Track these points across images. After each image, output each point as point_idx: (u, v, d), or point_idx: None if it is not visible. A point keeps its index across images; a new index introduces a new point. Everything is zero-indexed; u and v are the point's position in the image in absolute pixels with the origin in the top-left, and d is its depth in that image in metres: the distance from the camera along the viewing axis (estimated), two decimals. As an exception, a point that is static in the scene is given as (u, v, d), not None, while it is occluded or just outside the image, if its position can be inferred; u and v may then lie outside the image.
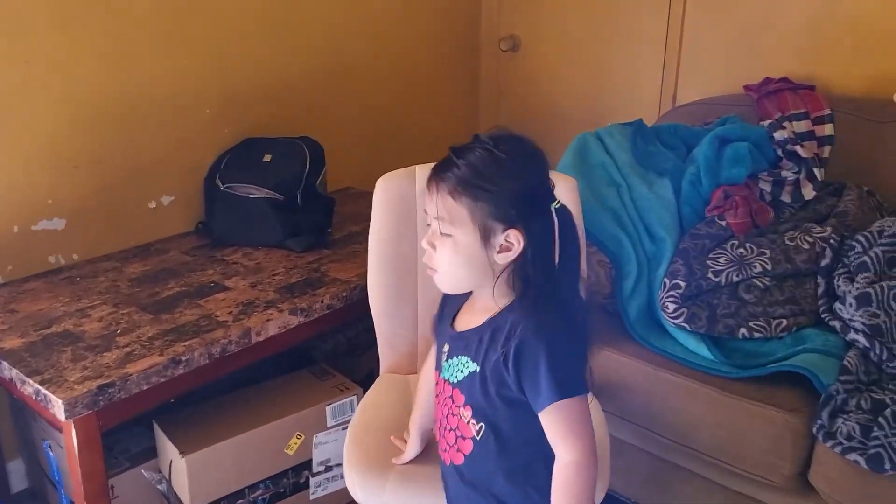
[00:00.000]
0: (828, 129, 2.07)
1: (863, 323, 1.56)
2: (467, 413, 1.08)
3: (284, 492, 1.77)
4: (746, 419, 1.53)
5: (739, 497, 1.64)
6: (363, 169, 2.46)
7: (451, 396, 1.10)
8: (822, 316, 1.66)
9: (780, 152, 1.95)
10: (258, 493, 1.72)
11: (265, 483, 1.73)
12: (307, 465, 1.79)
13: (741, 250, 1.76)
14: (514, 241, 1.00)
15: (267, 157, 2.12)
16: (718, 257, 1.75)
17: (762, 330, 1.64)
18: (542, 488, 1.05)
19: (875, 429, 1.41)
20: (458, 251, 1.02)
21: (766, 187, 1.92)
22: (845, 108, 2.11)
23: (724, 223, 1.81)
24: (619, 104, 2.72)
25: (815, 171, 1.91)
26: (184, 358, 1.51)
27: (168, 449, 1.65)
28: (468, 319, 1.11)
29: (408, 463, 1.36)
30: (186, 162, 2.14)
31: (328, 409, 1.79)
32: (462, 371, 1.08)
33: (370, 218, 1.62)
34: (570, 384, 0.99)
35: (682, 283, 1.67)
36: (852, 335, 1.56)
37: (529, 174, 1.02)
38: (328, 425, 1.80)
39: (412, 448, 1.35)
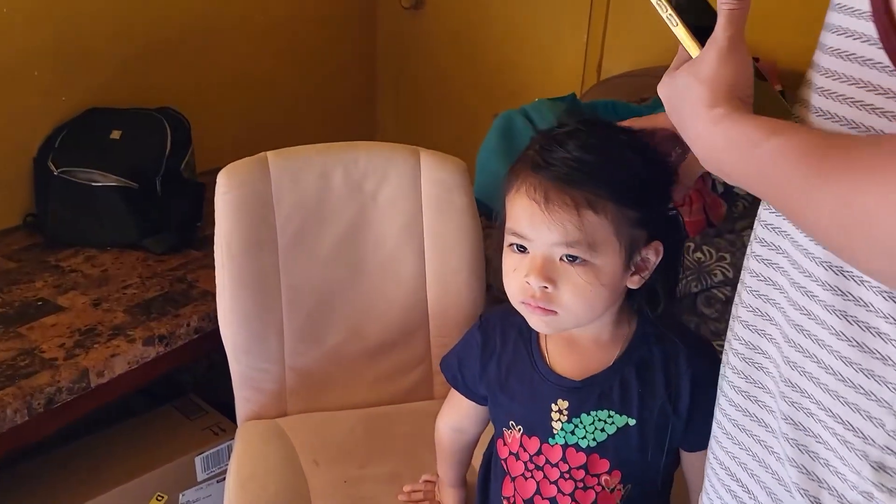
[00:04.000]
0: (777, 108, 1.84)
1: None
2: (614, 480, 0.83)
3: (143, 567, 1.40)
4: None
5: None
6: (242, 146, 2.01)
7: (586, 465, 0.82)
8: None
9: (731, 136, 1.70)
10: (107, 574, 1.34)
11: (116, 561, 1.35)
12: (172, 529, 1.42)
13: (699, 255, 1.50)
14: (652, 254, 0.77)
15: (116, 134, 1.69)
16: (672, 263, 1.49)
17: (724, 351, 1.39)
18: None
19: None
20: (598, 280, 0.74)
21: (719, 177, 1.66)
22: (793, 84, 1.88)
23: (676, 221, 1.55)
24: (539, 73, 2.41)
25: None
26: (-13, 418, 1.11)
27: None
28: (575, 360, 0.83)
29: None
30: (8, 139, 1.68)
31: (198, 459, 1.43)
32: (603, 430, 0.82)
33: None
34: None
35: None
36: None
37: (656, 153, 0.76)
38: (199, 479, 1.44)
39: (457, 499, 1.09)
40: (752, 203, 1.69)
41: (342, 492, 1.16)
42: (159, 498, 1.39)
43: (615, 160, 0.73)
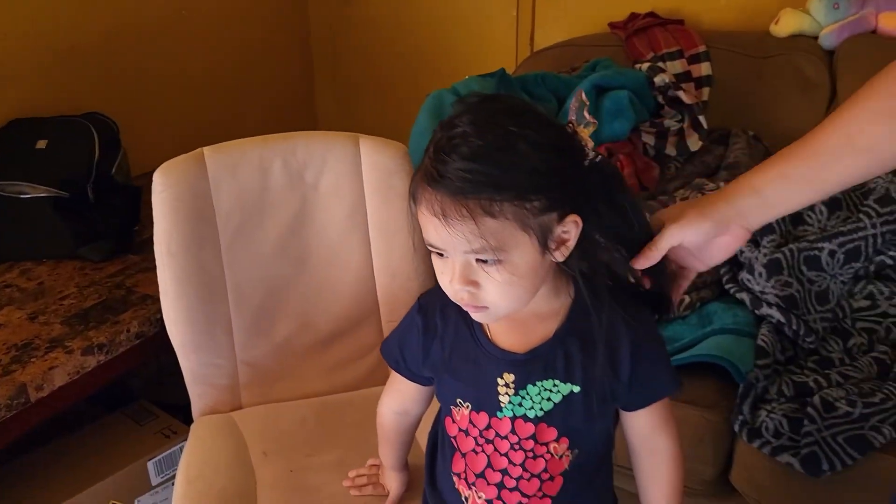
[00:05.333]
0: (704, 69, 1.87)
1: (775, 295, 1.36)
2: (562, 446, 0.85)
3: (104, 577, 1.39)
4: (659, 422, 1.31)
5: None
6: (181, 147, 2.00)
7: (534, 435, 0.84)
8: (727, 287, 1.46)
9: (660, 99, 1.72)
10: (67, 587, 1.33)
11: (75, 572, 1.34)
12: (131, 536, 1.42)
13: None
14: (570, 227, 0.77)
15: (41, 144, 1.65)
16: (608, 229, 1.51)
17: (664, 311, 1.41)
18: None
19: (805, 422, 1.22)
20: (516, 274, 0.75)
21: (650, 140, 1.69)
22: (719, 44, 1.91)
23: (609, 188, 1.56)
24: (472, 51, 2.41)
25: (701, 118, 1.69)
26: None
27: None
28: (517, 334, 0.84)
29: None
30: (-70, 156, 1.64)
31: (151, 464, 1.42)
32: (549, 399, 0.83)
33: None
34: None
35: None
36: (765, 309, 1.37)
37: (551, 128, 0.76)
38: (153, 484, 1.43)
39: (400, 482, 1.09)
40: (684, 164, 1.72)
41: (288, 481, 1.16)
42: (114, 506, 1.38)
43: (506, 161, 0.72)
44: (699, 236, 0.80)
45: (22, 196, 1.59)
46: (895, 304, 1.39)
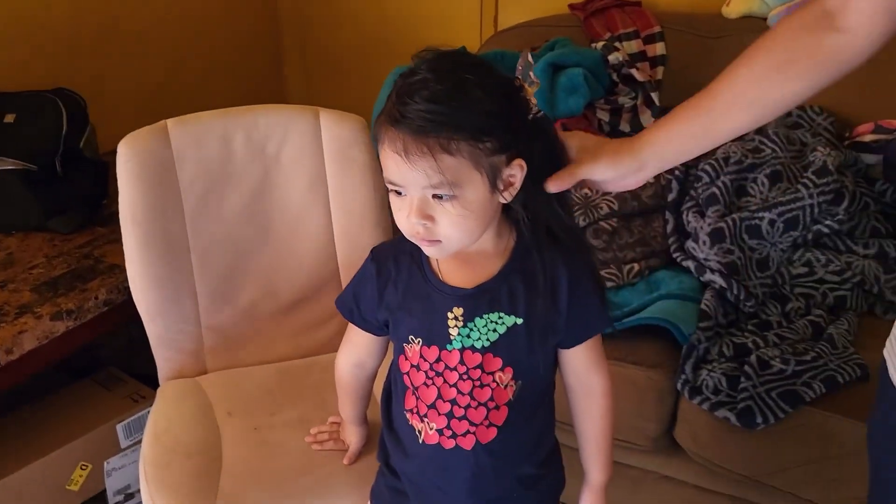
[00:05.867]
0: (659, 49, 1.93)
1: (718, 262, 1.43)
2: (506, 376, 0.91)
3: (75, 535, 1.44)
4: (607, 381, 1.37)
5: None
6: (148, 120, 2.05)
7: (481, 364, 0.90)
8: (674, 255, 1.53)
9: (614, 77, 1.78)
10: (38, 544, 1.38)
11: (46, 531, 1.39)
12: (102, 496, 1.46)
13: (585, 191, 1.58)
14: (516, 171, 0.84)
15: (10, 118, 1.68)
16: (562, 200, 1.57)
17: (614, 278, 1.48)
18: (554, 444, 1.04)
19: (742, 379, 1.29)
20: (469, 209, 0.82)
21: (604, 117, 1.75)
22: (674, 25, 1.97)
23: (564, 161, 1.62)
24: (438, 28, 2.45)
25: (654, 95, 1.75)
26: None
27: None
28: (465, 272, 0.91)
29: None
30: None
31: (120, 427, 1.46)
32: (495, 330, 0.90)
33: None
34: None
35: (526, 234, 1.47)
36: (708, 275, 1.44)
37: (501, 79, 0.84)
38: (122, 447, 1.47)
39: (359, 436, 1.17)
40: (638, 139, 1.77)
41: (252, 438, 1.21)
42: (83, 467, 1.42)
43: (462, 103, 0.79)
44: (606, 176, 0.88)
45: (-10, 169, 1.62)
46: (831, 271, 1.47)
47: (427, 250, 0.87)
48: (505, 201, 0.86)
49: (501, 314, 0.89)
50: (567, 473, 1.07)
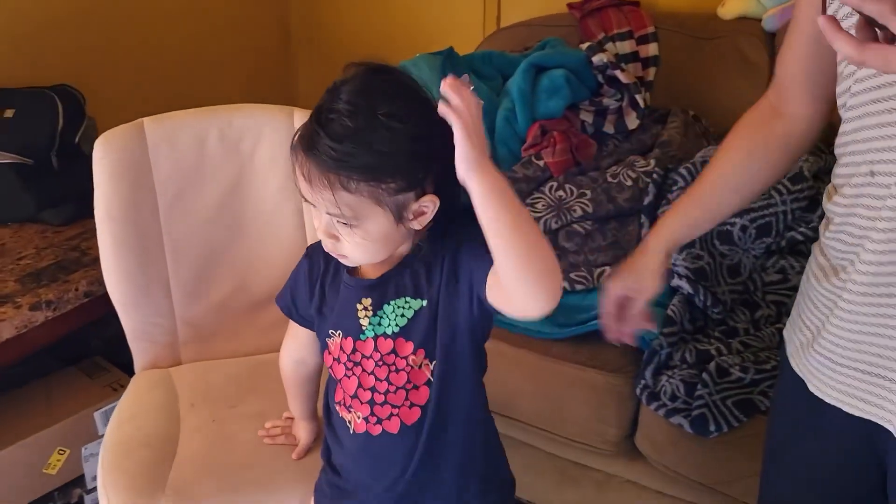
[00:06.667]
0: (652, 49, 1.92)
1: (686, 267, 1.42)
2: (419, 357, 0.93)
3: (52, 517, 1.50)
4: (566, 384, 1.39)
5: (570, 465, 1.51)
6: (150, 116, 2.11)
7: (394, 349, 0.93)
8: (647, 260, 1.52)
9: (600, 78, 1.78)
10: (15, 524, 1.44)
11: (24, 512, 1.45)
12: (79, 481, 1.52)
13: (560, 193, 1.58)
14: (428, 204, 0.85)
15: (9, 113, 1.74)
16: (536, 202, 1.57)
17: (584, 281, 1.48)
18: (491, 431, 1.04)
19: (699, 386, 1.29)
20: (369, 238, 0.86)
21: (588, 118, 1.74)
22: (669, 25, 1.96)
23: (541, 163, 1.63)
24: (442, 27, 2.46)
25: (638, 97, 1.74)
26: None
27: None
28: (377, 265, 0.93)
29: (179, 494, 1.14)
30: None
31: (97, 414, 1.52)
32: (403, 315, 0.93)
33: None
34: None
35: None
36: (676, 281, 1.43)
37: (421, 118, 0.83)
38: (100, 433, 1.52)
39: (309, 431, 1.20)
40: (622, 142, 1.77)
41: (209, 429, 1.25)
42: (61, 452, 1.48)
43: (366, 146, 0.80)
44: (630, 286, 1.03)
45: (-12, 162, 1.68)
46: (805, 279, 1.45)
47: (339, 259, 0.91)
48: (416, 229, 0.87)
49: (408, 298, 0.92)
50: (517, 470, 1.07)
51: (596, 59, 1.76)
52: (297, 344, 1.09)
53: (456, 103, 0.74)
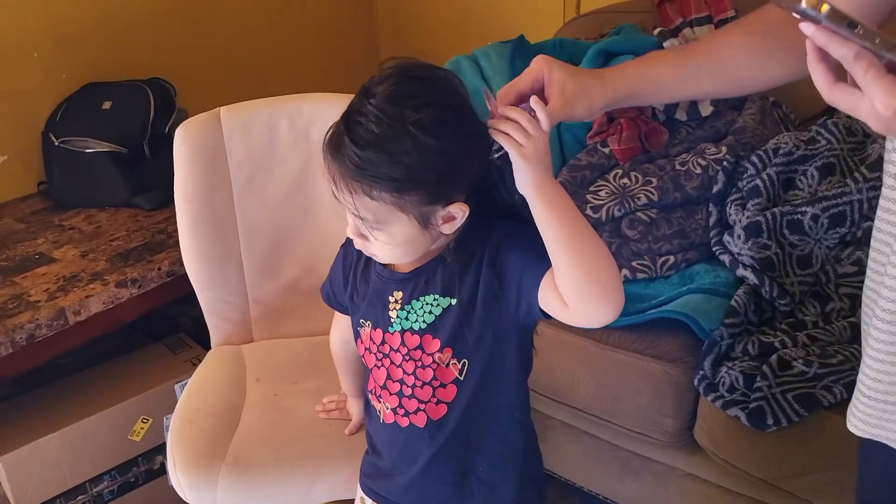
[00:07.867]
0: (732, 34, 1.85)
1: (751, 257, 1.38)
2: (446, 356, 0.92)
3: (136, 481, 1.61)
4: (624, 372, 1.37)
5: (632, 456, 1.50)
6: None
7: (421, 345, 0.93)
8: (713, 249, 1.48)
9: (673, 64, 1.73)
10: (102, 485, 1.55)
11: (111, 474, 1.56)
12: (161, 449, 1.62)
13: (625, 180, 1.56)
14: (458, 211, 0.84)
15: (107, 105, 1.88)
16: (599, 190, 1.56)
17: (646, 270, 1.46)
18: (515, 444, 0.99)
19: (758, 378, 1.25)
20: (395, 242, 0.85)
21: (659, 105, 1.71)
22: (751, 9, 1.88)
23: (606, 151, 1.61)
24: (523, 16, 2.46)
25: (712, 83, 1.69)
26: (-24, 350, 1.32)
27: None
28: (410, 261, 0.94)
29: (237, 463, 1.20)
30: (17, 115, 1.89)
31: (178, 387, 1.62)
32: (431, 312, 0.92)
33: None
34: None
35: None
36: (741, 271, 1.39)
37: (455, 132, 0.80)
38: (179, 404, 1.62)
39: (360, 409, 1.23)
40: (695, 129, 1.73)
41: (270, 402, 1.32)
42: (144, 420, 1.58)
43: (392, 155, 0.77)
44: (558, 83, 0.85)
45: (87, 151, 1.82)
46: (884, 271, 1.37)
47: (370, 256, 0.91)
48: (445, 233, 0.86)
49: (436, 296, 0.91)
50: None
51: (667, 44, 1.72)
52: (341, 327, 1.14)
53: (509, 129, 0.74)
